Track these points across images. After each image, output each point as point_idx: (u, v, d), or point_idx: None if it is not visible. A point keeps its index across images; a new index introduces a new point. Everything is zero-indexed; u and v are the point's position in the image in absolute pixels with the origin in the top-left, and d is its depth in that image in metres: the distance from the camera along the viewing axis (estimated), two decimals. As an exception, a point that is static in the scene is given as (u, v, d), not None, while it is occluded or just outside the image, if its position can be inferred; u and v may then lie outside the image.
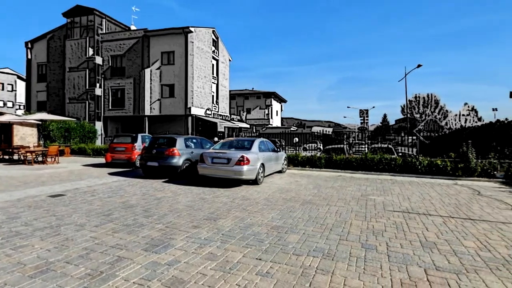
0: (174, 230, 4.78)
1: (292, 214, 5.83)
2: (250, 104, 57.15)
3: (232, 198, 7.29)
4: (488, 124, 16.78)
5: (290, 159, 14.61)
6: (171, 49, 29.40)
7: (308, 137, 37.30)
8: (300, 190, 8.57)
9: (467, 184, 10.15)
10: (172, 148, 10.46)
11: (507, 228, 5.07)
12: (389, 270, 3.43)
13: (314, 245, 4.17)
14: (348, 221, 5.43)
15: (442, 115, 59.11)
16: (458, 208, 6.56)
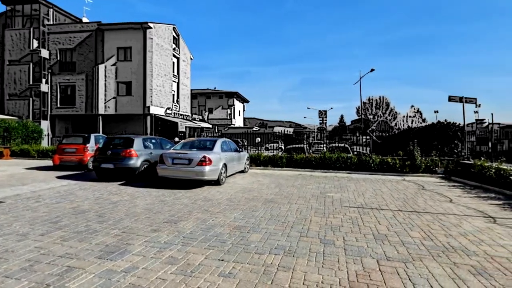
0: (131, 235, 4.55)
1: (255, 214, 5.88)
2: (212, 104, 56.51)
3: (193, 199, 7.15)
4: (431, 125, 18.50)
5: (253, 159, 14.73)
6: (128, 45, 27.96)
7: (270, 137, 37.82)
8: (262, 189, 8.67)
9: (413, 180, 11.09)
10: (129, 149, 9.95)
11: (446, 219, 5.64)
12: (345, 263, 3.61)
13: (276, 243, 4.24)
14: (308, 218, 5.62)
15: (392, 116, 63.82)
16: (406, 202, 7.13)
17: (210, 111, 54.93)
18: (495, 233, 4.81)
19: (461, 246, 4.22)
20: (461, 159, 12.47)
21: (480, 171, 9.97)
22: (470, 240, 4.44)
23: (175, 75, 33.76)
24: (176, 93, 34.17)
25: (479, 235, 4.67)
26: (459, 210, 6.34)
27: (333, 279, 3.19)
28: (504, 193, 8.31)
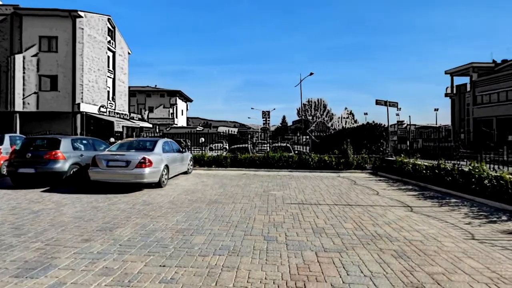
0: (57, 247, 4.06)
1: (198, 215, 5.76)
2: (153, 102, 53.68)
3: (132, 204, 6.70)
4: (361, 126, 20.40)
5: (196, 159, 14.41)
6: (54, 34, 24.92)
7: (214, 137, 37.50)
8: (206, 190, 8.55)
9: (347, 176, 12.10)
10: (55, 151, 8.86)
11: (374, 210, 6.29)
12: (287, 257, 3.77)
13: (220, 244, 4.22)
14: (252, 216, 5.71)
15: (329, 117, 68.64)
16: (340, 196, 7.75)
17: (151, 110, 52.10)
18: (412, 220, 5.52)
19: (385, 233, 4.74)
20: (386, 156, 14.03)
21: (400, 167, 11.35)
22: (393, 228, 5.02)
23: (111, 70, 31.19)
24: (111, 89, 31.58)
25: (400, 223, 5.32)
26: (384, 202, 7.13)
27: (276, 274, 3.30)
28: (419, 185, 9.60)
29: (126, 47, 35.26)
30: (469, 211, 6.25)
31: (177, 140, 15.86)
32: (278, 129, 79.04)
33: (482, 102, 31.94)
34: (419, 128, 53.44)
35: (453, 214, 5.95)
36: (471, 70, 34.55)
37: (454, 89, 38.19)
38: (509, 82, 28.93)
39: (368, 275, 3.29)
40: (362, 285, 3.06)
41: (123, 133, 31.72)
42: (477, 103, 32.42)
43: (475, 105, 32.68)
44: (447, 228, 5.01)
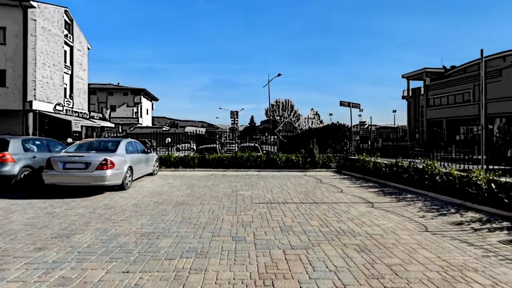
0: (5, 258, 3.71)
1: (165, 218, 5.59)
2: (115, 101, 51.13)
3: (92, 208, 6.32)
4: (327, 126, 21.13)
5: (162, 160, 13.99)
6: (1, 25, 22.73)
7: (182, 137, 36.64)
8: (173, 191, 8.32)
9: (313, 175, 12.47)
10: (2, 153, 8.09)
11: (338, 207, 6.55)
12: (255, 256, 3.79)
13: (187, 246, 4.13)
14: (220, 217, 5.67)
15: (296, 118, 70.31)
16: (307, 195, 7.96)
17: (113, 108, 49.57)
18: (373, 215, 5.83)
19: (349, 229, 4.96)
20: (349, 155, 14.67)
21: (362, 165, 11.93)
22: (355, 223, 5.27)
23: (68, 66, 29.18)
24: (69, 86, 29.55)
25: (362, 218, 5.59)
26: (348, 199, 7.45)
27: (244, 274, 3.31)
28: (379, 182, 10.17)
29: (86, 42, 33.21)
30: (423, 205, 6.75)
31: (141, 141, 15.27)
32: (247, 129, 79.31)
33: (434, 104, 34.66)
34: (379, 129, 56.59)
35: (409, 209, 6.38)
36: (424, 74, 37.34)
37: (410, 92, 41.02)
38: (456, 87, 31.71)
39: (333, 269, 3.42)
40: (328, 280, 3.17)
41: (82, 133, 29.84)
42: (430, 105, 35.12)
43: (428, 107, 35.37)
44: (404, 222, 5.36)
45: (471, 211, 6.15)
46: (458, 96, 31.57)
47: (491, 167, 9.55)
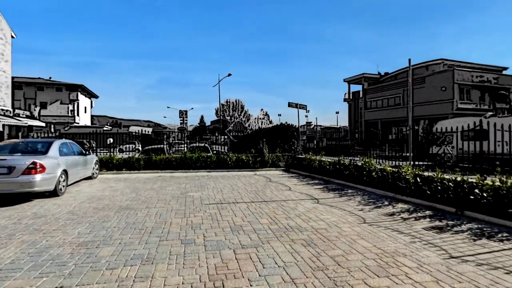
0: None
1: (106, 225, 5.19)
2: (46, 97, 45.81)
3: (16, 218, 5.57)
4: (276, 126, 21.72)
5: (103, 162, 12.96)
6: None
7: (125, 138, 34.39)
8: (115, 196, 7.76)
9: (263, 174, 12.72)
10: None
11: (287, 204, 6.78)
12: (205, 258, 3.73)
13: (132, 253, 3.89)
14: (168, 220, 5.45)
15: (246, 118, 70.96)
16: (257, 194, 8.09)
17: (43, 106, 44.31)
18: (318, 211, 6.17)
19: (297, 225, 5.17)
20: (297, 154, 15.31)
21: (309, 163, 12.55)
22: (302, 219, 5.51)
23: (-16, 56, 25.21)
24: (-14, 79, 25.56)
25: (308, 214, 5.88)
26: (296, 196, 7.77)
27: (194, 277, 3.23)
28: (324, 179, 10.80)
29: (9, 29, 29.09)
30: (362, 199, 7.35)
31: (78, 141, 13.96)
32: (196, 129, 77.63)
33: (371, 107, 38.02)
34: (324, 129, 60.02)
35: (349, 203, 6.90)
36: (363, 79, 40.73)
37: (350, 95, 44.35)
38: (389, 91, 35.23)
39: (282, 265, 3.53)
40: (277, 276, 3.26)
41: (3, 133, 26.11)
42: (367, 107, 38.43)
43: (366, 109, 38.65)
44: (345, 215, 5.78)
45: (401, 203, 6.88)
46: (390, 99, 35.10)
47: (417, 163, 10.80)
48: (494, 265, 3.50)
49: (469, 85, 28.65)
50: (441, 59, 33.12)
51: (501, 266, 3.48)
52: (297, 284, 3.08)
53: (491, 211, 5.33)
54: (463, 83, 28.36)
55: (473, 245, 4.16)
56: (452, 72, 28.33)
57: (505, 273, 3.30)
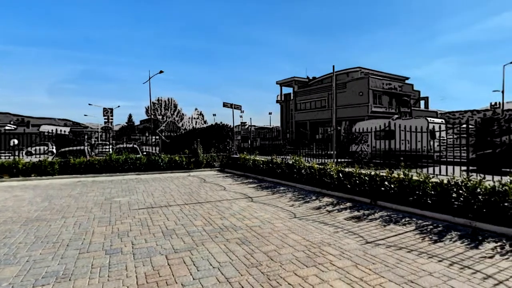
0: None
1: (9, 241, 4.41)
2: None
3: None
4: (210, 126, 21.52)
5: (5, 167, 11.01)
6: None
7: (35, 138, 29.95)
8: (21, 206, 6.66)
9: (197, 175, 12.46)
10: None
11: (221, 204, 6.77)
12: (134, 268, 3.47)
13: (43, 271, 3.39)
14: (90, 230, 4.91)
15: (180, 117, 68.57)
16: (191, 195, 7.88)
17: None
18: (252, 209, 6.32)
19: (231, 224, 5.20)
20: (232, 154, 15.42)
21: (243, 163, 12.76)
22: (237, 218, 5.57)
23: None
24: None
25: (243, 213, 5.97)
26: (230, 196, 7.81)
27: (120, 290, 2.98)
28: (257, 178, 11.11)
29: None
30: (292, 195, 7.79)
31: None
32: (124, 128, 71.82)
33: (301, 108, 40.60)
34: (258, 129, 61.81)
35: (281, 200, 7.25)
36: (293, 82, 43.21)
37: (282, 97, 46.62)
38: (316, 94, 38.15)
39: (217, 266, 3.51)
40: (211, 277, 3.22)
41: None
42: (297, 109, 40.93)
43: (296, 111, 41.11)
44: (278, 212, 6.05)
45: (327, 197, 7.52)
46: (317, 102, 38.04)
47: (340, 160, 11.94)
48: (399, 246, 4.09)
49: (381, 91, 32.90)
50: (358, 67, 37.28)
51: (404, 246, 4.08)
52: (232, 283, 3.10)
53: (398, 200, 6.21)
54: (376, 89, 32.41)
55: (383, 230, 4.79)
56: (368, 79, 32.15)
57: (407, 252, 3.88)
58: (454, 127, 11.54)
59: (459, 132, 16.21)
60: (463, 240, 4.28)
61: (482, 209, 4.89)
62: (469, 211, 5.02)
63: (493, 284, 3.02)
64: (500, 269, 3.33)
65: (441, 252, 3.83)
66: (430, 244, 4.13)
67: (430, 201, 5.66)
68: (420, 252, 3.85)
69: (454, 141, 17.41)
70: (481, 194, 5.02)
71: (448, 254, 3.78)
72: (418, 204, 5.81)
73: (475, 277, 3.15)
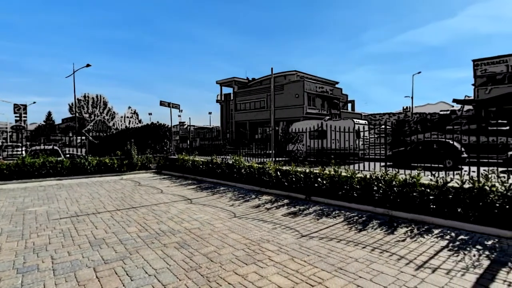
0: None
1: None
2: None
3: None
4: (146, 125, 20.32)
5: None
6: None
7: None
8: None
9: (131, 178, 11.62)
10: None
11: (158, 208, 6.44)
12: (54, 285, 3.07)
13: None
14: (-5, 247, 4.18)
15: (110, 116, 62.95)
16: (123, 200, 7.31)
17: None
18: (191, 211, 6.15)
19: (169, 228, 4.98)
20: (169, 155, 14.78)
21: (182, 164, 12.35)
22: (175, 222, 5.36)
23: None
24: None
25: (182, 215, 5.77)
26: (168, 198, 7.48)
27: (36, 312, 2.60)
28: (197, 178, 10.86)
29: None
30: (233, 195, 7.83)
31: None
32: (41, 128, 63.06)
33: (241, 109, 41.05)
34: (197, 129, 60.51)
35: (222, 200, 7.22)
36: (233, 83, 43.43)
37: (222, 97, 46.47)
38: (256, 95, 39.02)
39: (153, 273, 3.32)
40: (147, 286, 3.04)
41: None
42: (238, 109, 41.28)
43: (236, 111, 41.41)
44: (218, 212, 6.01)
45: (266, 195, 7.74)
46: (257, 103, 38.94)
47: (278, 159, 12.42)
48: (330, 237, 4.44)
49: (314, 94, 35.26)
50: (295, 70, 39.33)
51: (335, 237, 4.44)
52: (169, 289, 2.97)
53: (329, 195, 6.73)
54: (310, 92, 34.61)
55: (317, 223, 5.14)
56: (303, 83, 34.14)
57: (337, 242, 4.23)
58: (375, 127, 13.02)
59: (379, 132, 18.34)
60: (382, 227, 4.85)
61: (397, 199, 5.61)
62: (387, 202, 5.71)
63: (405, 263, 3.48)
64: (410, 250, 3.87)
65: (364, 240, 4.28)
66: (356, 233, 4.58)
67: (356, 194, 6.27)
68: (348, 241, 4.23)
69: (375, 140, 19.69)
70: (395, 186, 5.75)
71: (370, 240, 4.24)
72: (346, 197, 6.38)
73: (391, 259, 3.60)
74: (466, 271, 3.25)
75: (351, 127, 13.71)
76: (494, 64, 31.54)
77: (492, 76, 31.88)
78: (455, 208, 4.95)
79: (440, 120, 30.30)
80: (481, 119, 27.07)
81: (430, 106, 61.62)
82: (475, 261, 3.49)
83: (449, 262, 3.48)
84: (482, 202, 4.70)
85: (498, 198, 4.61)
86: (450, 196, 5.09)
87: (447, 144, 13.27)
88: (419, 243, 4.12)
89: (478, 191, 4.79)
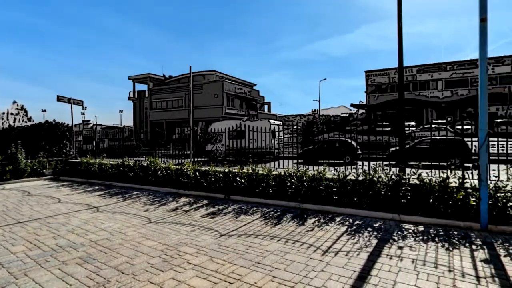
0: None
1: None
2: None
3: None
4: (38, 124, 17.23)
5: None
6: None
7: None
8: None
9: (17, 187, 9.68)
10: None
11: (55, 220, 5.53)
12: None
13: None
14: None
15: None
16: (6, 214, 6.03)
17: None
18: (98, 220, 5.49)
19: (69, 242, 4.33)
20: (70, 158, 12.89)
21: (86, 168, 10.92)
22: (78, 234, 4.70)
23: None
24: None
25: (86, 226, 5.10)
26: (68, 208, 6.50)
27: None
28: (105, 184, 9.77)
29: None
30: (147, 199, 7.32)
31: None
32: None
33: (156, 107, 38.71)
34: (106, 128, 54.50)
35: (134, 205, 6.66)
36: (148, 79, 40.58)
37: (136, 94, 42.94)
38: (173, 94, 37.38)
39: (47, 297, 2.83)
40: (38, 313, 2.57)
41: None
42: (153, 108, 38.80)
43: (151, 109, 38.86)
44: (130, 219, 5.52)
45: (184, 197, 7.49)
46: (174, 102, 37.36)
47: (197, 159, 12.18)
48: (248, 233, 4.58)
49: (233, 94, 35.86)
50: (214, 70, 39.22)
51: (252, 233, 4.60)
52: (69, 313, 2.58)
53: (247, 193, 6.94)
54: (229, 93, 35.05)
55: (235, 221, 5.23)
56: (222, 83, 34.32)
57: (255, 237, 4.40)
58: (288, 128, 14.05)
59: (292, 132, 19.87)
60: (294, 220, 5.26)
61: (307, 193, 6.17)
62: (298, 196, 6.22)
63: (313, 250, 3.85)
64: (318, 238, 4.30)
65: (279, 233, 4.56)
66: (272, 228, 4.84)
67: (272, 191, 6.64)
68: (264, 236, 4.44)
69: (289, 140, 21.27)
70: (306, 181, 6.32)
71: (284, 233, 4.55)
72: (263, 194, 6.70)
73: (302, 248, 3.94)
74: (360, 251, 3.79)
75: (268, 128, 14.44)
76: (380, 76, 37.91)
77: (379, 86, 38.28)
78: (352, 197, 5.74)
79: (341, 121, 34.71)
80: (371, 121, 32.15)
81: (334, 109, 70.32)
82: (367, 242, 4.11)
83: (348, 245, 4.01)
84: (372, 191, 5.57)
85: (383, 187, 5.54)
86: (349, 187, 5.87)
87: (346, 142, 15.28)
88: (325, 230, 4.62)
89: (369, 182, 5.66)
